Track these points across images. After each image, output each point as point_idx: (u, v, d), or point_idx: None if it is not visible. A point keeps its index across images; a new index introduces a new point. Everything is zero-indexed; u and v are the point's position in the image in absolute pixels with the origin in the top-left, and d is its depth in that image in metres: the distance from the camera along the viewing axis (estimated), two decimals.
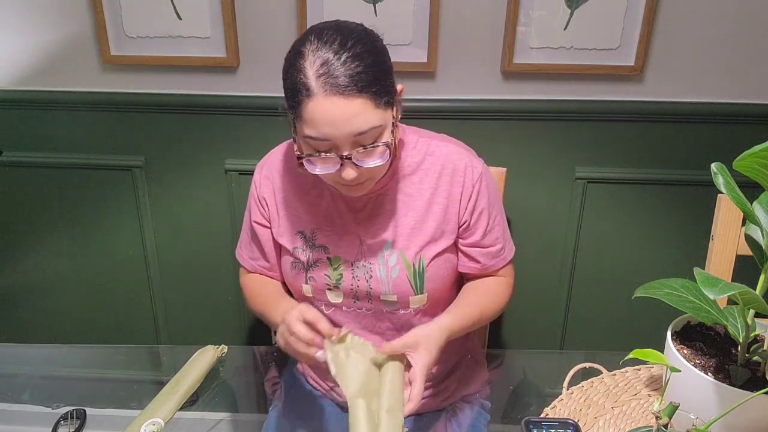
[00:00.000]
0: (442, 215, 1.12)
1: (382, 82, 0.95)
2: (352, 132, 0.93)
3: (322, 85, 0.91)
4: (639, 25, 1.42)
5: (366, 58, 0.93)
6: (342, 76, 0.91)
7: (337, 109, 0.91)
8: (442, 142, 1.15)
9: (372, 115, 0.94)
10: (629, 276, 1.67)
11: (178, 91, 1.56)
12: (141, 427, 0.95)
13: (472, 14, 1.45)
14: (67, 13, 1.51)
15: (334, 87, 0.91)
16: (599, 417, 0.96)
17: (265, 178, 1.17)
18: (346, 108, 0.91)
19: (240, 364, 1.18)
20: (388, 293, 1.12)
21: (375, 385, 0.94)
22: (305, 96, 0.92)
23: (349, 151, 0.95)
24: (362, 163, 0.97)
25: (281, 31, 1.49)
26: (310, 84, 0.91)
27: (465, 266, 1.18)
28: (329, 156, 0.96)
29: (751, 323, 0.83)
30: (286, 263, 1.17)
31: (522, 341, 1.77)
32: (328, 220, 1.13)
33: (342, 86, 0.91)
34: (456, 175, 1.12)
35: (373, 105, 0.93)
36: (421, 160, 1.13)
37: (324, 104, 0.91)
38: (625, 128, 1.54)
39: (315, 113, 0.92)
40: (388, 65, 0.99)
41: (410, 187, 1.12)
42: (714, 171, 0.80)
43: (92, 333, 1.86)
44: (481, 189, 1.13)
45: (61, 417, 1.00)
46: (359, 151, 0.95)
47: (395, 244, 1.11)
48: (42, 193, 1.70)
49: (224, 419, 1.06)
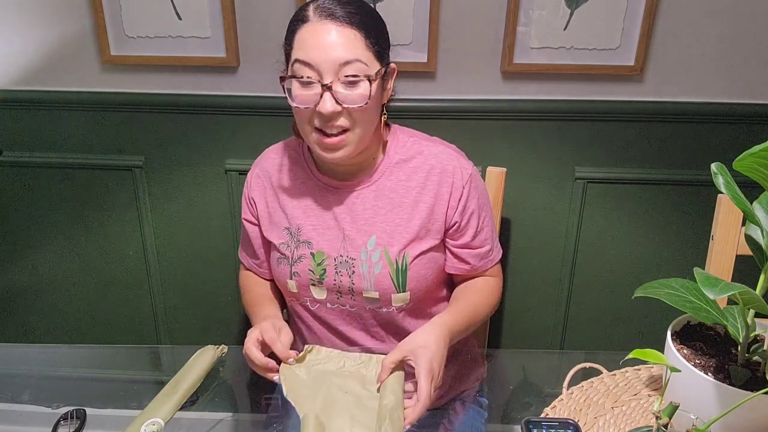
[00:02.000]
0: (428, 215, 1.13)
1: (375, 30, 1.02)
2: (338, 58, 0.98)
3: (318, 12, 1.00)
4: (639, 25, 1.42)
5: (364, 8, 1.03)
6: (339, 8, 1.00)
7: (327, 33, 0.98)
8: (432, 143, 1.16)
9: (359, 50, 0.99)
10: (629, 276, 1.67)
11: (178, 91, 1.56)
12: (141, 427, 0.95)
13: (472, 14, 1.45)
14: (67, 13, 1.51)
15: (330, 14, 0.99)
16: (599, 417, 0.96)
17: (256, 176, 1.21)
18: (336, 34, 0.98)
19: (240, 364, 1.18)
20: (370, 289, 1.13)
21: (338, 399, 0.97)
22: (301, 23, 1.01)
23: (331, 80, 0.98)
24: (342, 96, 1.00)
25: (281, 31, 1.48)
26: (308, 13, 1.01)
27: (454, 267, 1.19)
28: (311, 82, 0.99)
29: (751, 323, 0.83)
30: (273, 259, 1.19)
31: (522, 341, 1.77)
32: (314, 214, 1.15)
33: (337, 15, 0.99)
34: (445, 175, 1.13)
35: (362, 41, 1.00)
36: (409, 158, 1.14)
37: (316, 26, 0.99)
38: (625, 128, 1.54)
39: (306, 35, 1.00)
40: (385, 29, 1.07)
41: (397, 183, 1.13)
42: (714, 171, 0.80)
43: (92, 333, 1.86)
44: (471, 190, 1.14)
45: (61, 417, 1.00)
46: (340, 81, 0.99)
47: (379, 240, 1.12)
48: (42, 193, 1.70)
49: (224, 419, 1.06)
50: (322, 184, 1.15)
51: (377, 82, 1.02)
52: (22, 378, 1.15)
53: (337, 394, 0.98)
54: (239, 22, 1.48)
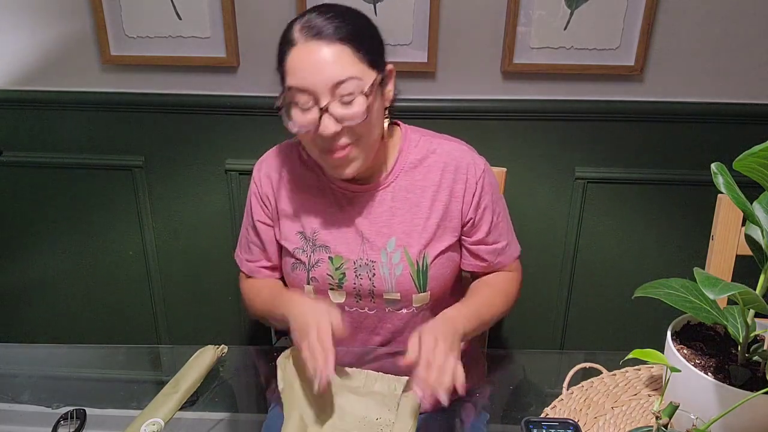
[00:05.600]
0: (444, 212, 1.12)
1: (364, 38, 0.99)
2: (330, 78, 0.96)
3: (305, 33, 0.97)
4: (639, 25, 1.43)
5: (350, 17, 0.99)
6: (323, 25, 0.97)
7: (314, 54, 0.96)
8: (444, 140, 1.16)
9: (351, 65, 0.97)
10: (629, 276, 1.67)
11: (178, 91, 1.56)
12: (141, 427, 0.95)
13: (472, 14, 1.45)
14: (67, 13, 1.51)
15: (315, 34, 0.96)
16: (599, 417, 0.96)
17: (265, 176, 1.17)
18: (324, 53, 0.96)
19: (240, 364, 1.18)
20: (391, 291, 1.12)
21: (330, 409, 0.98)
22: (289, 47, 0.98)
23: (327, 101, 0.97)
24: (340, 116, 0.98)
25: (281, 31, 1.48)
26: (293, 36, 0.98)
27: (471, 264, 1.18)
28: (308, 107, 0.98)
29: (751, 323, 0.83)
30: (287, 264, 1.17)
31: (522, 341, 1.77)
32: (329, 218, 1.13)
33: (322, 33, 0.96)
34: (459, 172, 1.12)
35: (352, 55, 0.97)
36: (423, 157, 1.13)
37: (303, 50, 0.97)
38: (625, 128, 1.54)
39: (295, 60, 0.97)
40: (375, 33, 1.03)
41: (413, 183, 1.12)
42: (714, 171, 0.80)
43: (92, 333, 1.86)
44: (485, 185, 1.13)
45: (61, 417, 1.00)
46: (337, 100, 0.97)
47: (399, 242, 1.11)
48: (42, 193, 1.70)
49: (224, 419, 1.05)
50: (336, 188, 1.13)
51: (374, 92, 1.01)
52: (22, 378, 1.15)
53: (330, 405, 0.98)
54: (239, 22, 1.48)
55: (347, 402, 0.99)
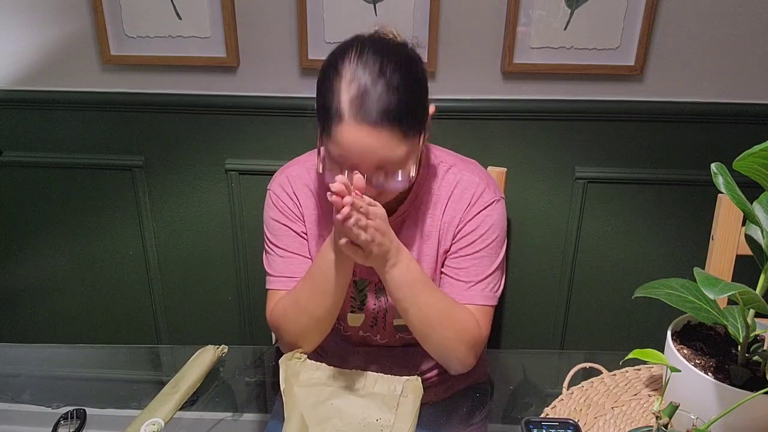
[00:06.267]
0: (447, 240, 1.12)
1: (414, 113, 0.96)
2: (375, 161, 0.95)
3: (354, 113, 0.91)
4: (639, 25, 1.42)
5: (402, 89, 0.93)
6: (375, 107, 0.91)
7: (364, 138, 0.92)
8: (469, 173, 1.12)
9: (398, 147, 0.94)
10: (629, 276, 1.67)
11: (178, 91, 1.56)
12: (141, 427, 0.95)
13: (472, 14, 1.45)
14: (67, 13, 1.51)
15: (366, 117, 0.91)
16: (599, 417, 0.96)
17: (301, 193, 1.14)
18: (374, 138, 0.92)
19: (240, 364, 1.18)
20: (399, 317, 1.12)
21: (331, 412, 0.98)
22: (336, 119, 0.92)
23: (370, 174, 0.96)
24: (380, 185, 0.98)
25: (281, 31, 1.49)
26: (342, 109, 0.92)
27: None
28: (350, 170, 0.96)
29: (751, 323, 0.83)
30: None
31: (522, 341, 1.77)
32: None
33: (373, 118, 0.91)
34: (462, 201, 1.10)
35: (401, 136, 0.94)
36: (448, 194, 1.11)
37: (352, 132, 0.92)
38: (625, 128, 1.54)
39: (343, 137, 0.93)
40: (424, 94, 0.99)
41: (424, 213, 1.12)
42: (714, 171, 0.80)
43: (92, 333, 1.86)
44: (485, 218, 1.10)
45: (61, 417, 1.00)
46: (380, 174, 0.96)
47: None
48: (42, 193, 1.70)
49: (224, 419, 1.05)
50: None
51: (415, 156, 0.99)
52: (22, 378, 1.15)
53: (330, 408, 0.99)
54: (239, 22, 1.48)
55: (347, 403, 1.00)
